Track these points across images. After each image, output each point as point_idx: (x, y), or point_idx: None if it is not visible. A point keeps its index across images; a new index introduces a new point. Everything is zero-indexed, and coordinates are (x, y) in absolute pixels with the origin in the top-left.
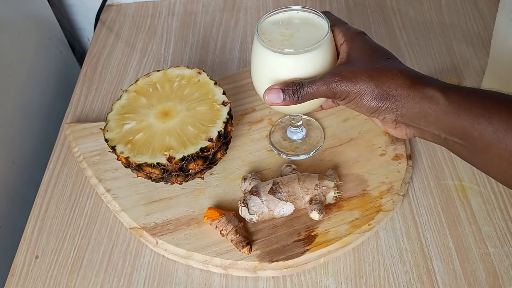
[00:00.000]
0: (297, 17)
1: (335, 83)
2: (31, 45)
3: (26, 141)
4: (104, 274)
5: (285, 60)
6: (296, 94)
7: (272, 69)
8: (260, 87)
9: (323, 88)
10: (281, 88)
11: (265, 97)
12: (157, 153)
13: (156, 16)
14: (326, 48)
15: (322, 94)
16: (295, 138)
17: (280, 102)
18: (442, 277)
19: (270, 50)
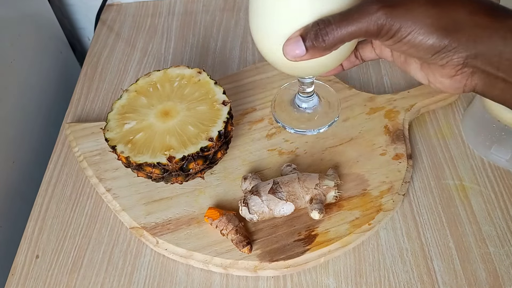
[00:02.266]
0: None
1: (380, 13)
2: (31, 44)
3: (26, 140)
4: (104, 274)
5: (290, 3)
6: (320, 37)
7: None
8: (264, 39)
9: (362, 22)
10: (300, 33)
11: (284, 50)
12: (157, 153)
13: (157, 16)
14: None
15: (360, 32)
16: (305, 107)
17: (302, 53)
18: (443, 277)
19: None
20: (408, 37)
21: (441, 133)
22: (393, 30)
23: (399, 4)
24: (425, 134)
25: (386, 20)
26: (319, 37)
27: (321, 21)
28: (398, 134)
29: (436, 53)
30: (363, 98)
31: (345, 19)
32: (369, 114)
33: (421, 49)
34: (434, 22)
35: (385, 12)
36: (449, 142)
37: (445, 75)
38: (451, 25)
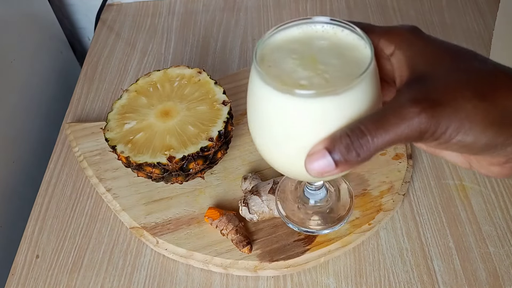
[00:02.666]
0: (305, 37)
1: (422, 115)
2: (32, 44)
3: (26, 140)
4: (104, 274)
5: (309, 107)
6: (353, 150)
7: (287, 122)
8: (269, 149)
9: (401, 128)
10: (326, 147)
11: (308, 167)
12: (157, 153)
13: (157, 16)
14: (372, 79)
15: (400, 140)
16: (314, 201)
17: (331, 169)
18: (443, 277)
19: (281, 93)
20: (458, 138)
21: None
22: (438, 133)
23: (443, 103)
24: None
25: (430, 123)
26: (352, 151)
27: (352, 131)
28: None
29: (489, 149)
30: None
31: (381, 126)
32: None
33: (472, 148)
34: (485, 118)
35: (429, 115)
36: None
37: (495, 164)
38: (506, 117)
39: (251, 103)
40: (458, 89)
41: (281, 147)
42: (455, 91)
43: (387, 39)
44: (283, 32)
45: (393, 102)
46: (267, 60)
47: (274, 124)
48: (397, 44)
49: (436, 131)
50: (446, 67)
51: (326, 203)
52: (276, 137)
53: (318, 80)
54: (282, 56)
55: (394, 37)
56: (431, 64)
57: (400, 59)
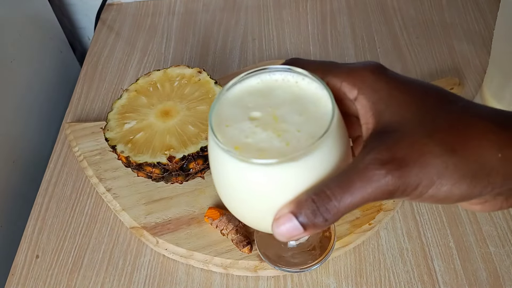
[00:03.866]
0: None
1: (388, 176)
2: (32, 44)
3: (26, 140)
4: (104, 274)
5: (269, 173)
6: (320, 215)
7: (247, 189)
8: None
9: (369, 191)
10: (291, 211)
11: (275, 232)
12: (157, 153)
13: (157, 15)
14: (335, 138)
15: (368, 201)
16: (294, 243)
17: (299, 232)
18: (443, 277)
19: (239, 160)
20: (430, 193)
21: None
22: (409, 190)
23: (410, 162)
24: None
25: (398, 184)
26: (319, 216)
27: (317, 195)
28: None
29: (464, 199)
30: None
31: (346, 190)
32: None
33: (448, 201)
34: (457, 173)
35: (396, 177)
36: None
37: (474, 203)
38: (479, 170)
39: (211, 162)
40: (425, 145)
41: (245, 209)
42: (422, 146)
43: (350, 82)
44: (242, 83)
45: (358, 161)
46: (224, 119)
47: (236, 189)
48: (360, 88)
49: (406, 189)
50: (414, 117)
51: (307, 242)
52: (240, 200)
53: (278, 143)
54: (240, 114)
55: (357, 80)
56: (396, 113)
57: (364, 105)
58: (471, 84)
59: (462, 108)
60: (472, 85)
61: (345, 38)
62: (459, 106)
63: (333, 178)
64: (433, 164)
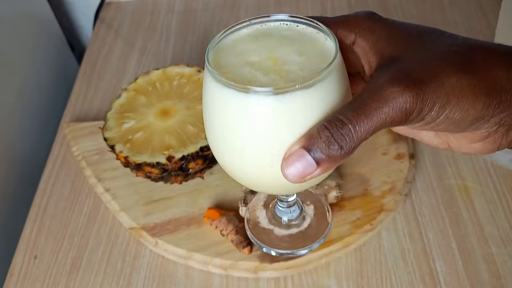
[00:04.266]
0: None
1: (406, 93)
2: (30, 43)
3: (24, 140)
4: (103, 275)
5: (271, 106)
6: (336, 143)
7: (251, 128)
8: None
9: (386, 111)
10: (303, 145)
11: (286, 173)
12: (156, 152)
13: (156, 14)
14: (340, 70)
15: (386, 123)
16: (287, 219)
17: (313, 170)
18: (445, 278)
19: (242, 93)
20: (446, 114)
21: None
22: (425, 111)
23: (426, 80)
24: None
25: (416, 102)
26: (334, 143)
27: (330, 123)
28: (400, 134)
29: (477, 123)
30: None
31: (362, 112)
32: None
33: (460, 125)
34: (473, 90)
35: (412, 94)
36: None
37: (475, 140)
38: (491, 87)
39: (207, 108)
40: (436, 67)
41: (247, 156)
42: (434, 68)
43: (345, 29)
44: (236, 33)
45: (370, 86)
46: (222, 66)
47: (237, 130)
48: (357, 32)
49: (422, 109)
50: (416, 48)
51: (301, 221)
52: (241, 145)
53: (284, 84)
54: (236, 61)
55: (353, 26)
56: (398, 47)
57: (364, 46)
58: None
59: (462, 39)
60: None
61: None
62: (460, 38)
63: (344, 106)
64: (449, 83)
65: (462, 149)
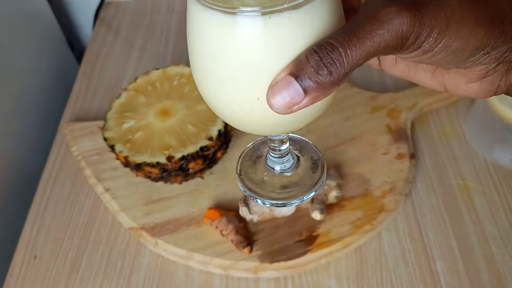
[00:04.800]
0: None
1: (403, 17)
2: (30, 43)
3: (24, 140)
4: (103, 275)
5: (258, 29)
6: (325, 68)
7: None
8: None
9: (380, 33)
10: (290, 71)
11: (271, 102)
12: (156, 152)
13: (156, 14)
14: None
15: (379, 50)
16: (280, 169)
17: (300, 99)
18: (445, 278)
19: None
20: (445, 40)
21: (444, 133)
22: (423, 36)
23: (425, 1)
24: (427, 134)
25: (413, 24)
26: (323, 69)
27: (320, 46)
28: (400, 134)
29: (477, 54)
30: (365, 96)
31: (354, 35)
32: (371, 113)
33: (459, 55)
34: (473, 16)
35: (410, 15)
36: (452, 141)
37: (473, 80)
38: (494, 15)
39: (190, 38)
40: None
41: (230, 89)
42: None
43: None
44: None
45: (365, 7)
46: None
47: (221, 57)
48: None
49: (420, 34)
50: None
51: (294, 172)
52: (225, 75)
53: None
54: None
55: None
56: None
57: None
58: None
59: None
60: None
61: None
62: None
63: (337, 30)
64: (449, 6)
65: (459, 91)
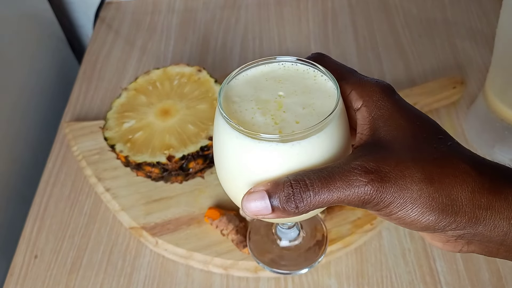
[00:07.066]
0: (282, 74)
1: (368, 186)
2: (30, 43)
3: (24, 139)
4: (103, 274)
5: (269, 151)
6: (293, 202)
7: (245, 164)
8: (233, 189)
9: (346, 193)
10: (267, 189)
11: (244, 205)
12: (157, 152)
13: (156, 13)
14: (337, 125)
15: (343, 201)
16: (286, 240)
17: (267, 213)
18: (445, 277)
19: (243, 135)
20: (399, 214)
21: None
22: (380, 206)
23: (391, 180)
24: None
25: (374, 196)
26: (292, 202)
27: (296, 182)
28: None
29: (430, 229)
30: None
31: (326, 186)
32: None
33: (413, 227)
34: (430, 202)
35: (375, 188)
36: None
37: (436, 240)
38: (449, 206)
39: (219, 146)
40: (408, 168)
41: (229, 179)
42: (405, 169)
43: (358, 92)
44: (266, 66)
45: (344, 163)
46: (234, 95)
47: (228, 159)
48: (366, 101)
49: (378, 203)
50: (405, 141)
51: (299, 242)
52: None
53: (272, 129)
54: (250, 93)
55: (365, 92)
56: (391, 133)
57: (365, 117)
58: (473, 83)
59: (449, 147)
60: (475, 83)
61: (346, 36)
62: (447, 145)
63: (315, 170)
64: (410, 189)
65: (426, 239)
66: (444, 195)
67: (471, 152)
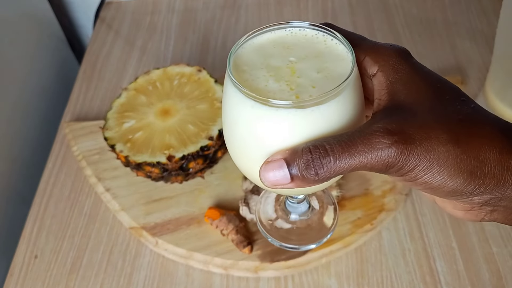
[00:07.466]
0: (290, 41)
1: (392, 150)
2: (30, 43)
3: (25, 139)
4: (103, 274)
5: (286, 118)
6: (313, 168)
7: (261, 134)
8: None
9: (369, 156)
10: (285, 158)
11: (261, 176)
12: (157, 152)
13: (156, 13)
14: (354, 88)
15: (363, 168)
16: (295, 215)
17: (285, 181)
18: (445, 277)
19: (259, 104)
20: (424, 179)
21: None
22: (405, 170)
23: (416, 141)
24: None
25: (399, 159)
26: (311, 168)
27: (315, 148)
28: None
29: (455, 196)
30: None
31: (347, 150)
32: None
33: (439, 192)
34: (457, 165)
35: (399, 150)
36: None
37: (458, 209)
38: (477, 167)
39: (228, 114)
40: (434, 129)
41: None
42: (430, 130)
43: (373, 58)
44: (272, 33)
45: (365, 127)
46: (243, 63)
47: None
48: (381, 65)
49: (403, 167)
50: (427, 103)
51: (308, 217)
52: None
53: (288, 95)
54: (259, 61)
55: (380, 57)
56: (412, 95)
57: (382, 82)
58: (474, 82)
59: (473, 109)
60: (475, 83)
61: None
62: (470, 107)
63: (335, 136)
64: (437, 151)
65: (446, 210)
66: (472, 156)
67: (494, 115)
